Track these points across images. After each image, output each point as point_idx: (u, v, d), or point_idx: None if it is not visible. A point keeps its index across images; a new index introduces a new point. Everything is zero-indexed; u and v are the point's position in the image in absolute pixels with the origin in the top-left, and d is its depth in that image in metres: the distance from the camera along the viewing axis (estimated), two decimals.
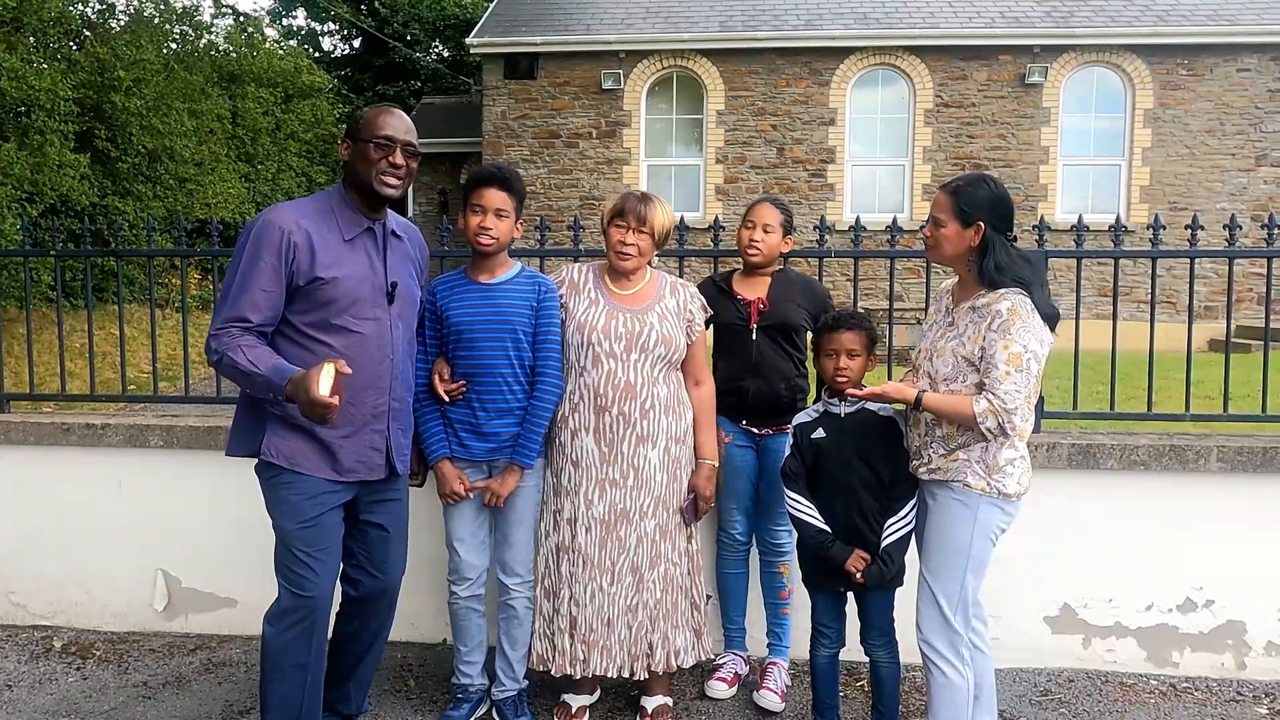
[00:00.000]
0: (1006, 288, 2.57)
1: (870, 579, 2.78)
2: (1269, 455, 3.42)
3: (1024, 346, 2.49)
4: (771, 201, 3.32)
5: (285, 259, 2.52)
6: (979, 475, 2.59)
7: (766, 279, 3.29)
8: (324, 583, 2.63)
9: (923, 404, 2.60)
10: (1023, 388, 2.49)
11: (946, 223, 2.61)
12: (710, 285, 3.33)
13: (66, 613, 3.94)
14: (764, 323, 3.21)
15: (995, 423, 2.50)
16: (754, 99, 13.02)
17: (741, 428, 3.25)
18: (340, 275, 2.56)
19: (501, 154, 13.21)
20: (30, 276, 4.27)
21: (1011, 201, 2.67)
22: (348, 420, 2.61)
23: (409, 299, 2.77)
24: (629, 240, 2.98)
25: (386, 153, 2.60)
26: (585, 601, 3.00)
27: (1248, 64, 12.41)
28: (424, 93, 22.09)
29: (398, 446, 2.77)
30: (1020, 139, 12.74)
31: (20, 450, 3.90)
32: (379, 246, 2.70)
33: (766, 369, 3.20)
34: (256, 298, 2.51)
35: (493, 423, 2.94)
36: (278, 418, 2.61)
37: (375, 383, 2.66)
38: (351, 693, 2.98)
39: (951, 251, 2.63)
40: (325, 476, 2.62)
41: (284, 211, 2.59)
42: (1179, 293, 12.05)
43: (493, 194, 2.91)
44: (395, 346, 2.69)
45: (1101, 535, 3.49)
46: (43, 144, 9.55)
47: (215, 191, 12.76)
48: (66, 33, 11.37)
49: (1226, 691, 3.40)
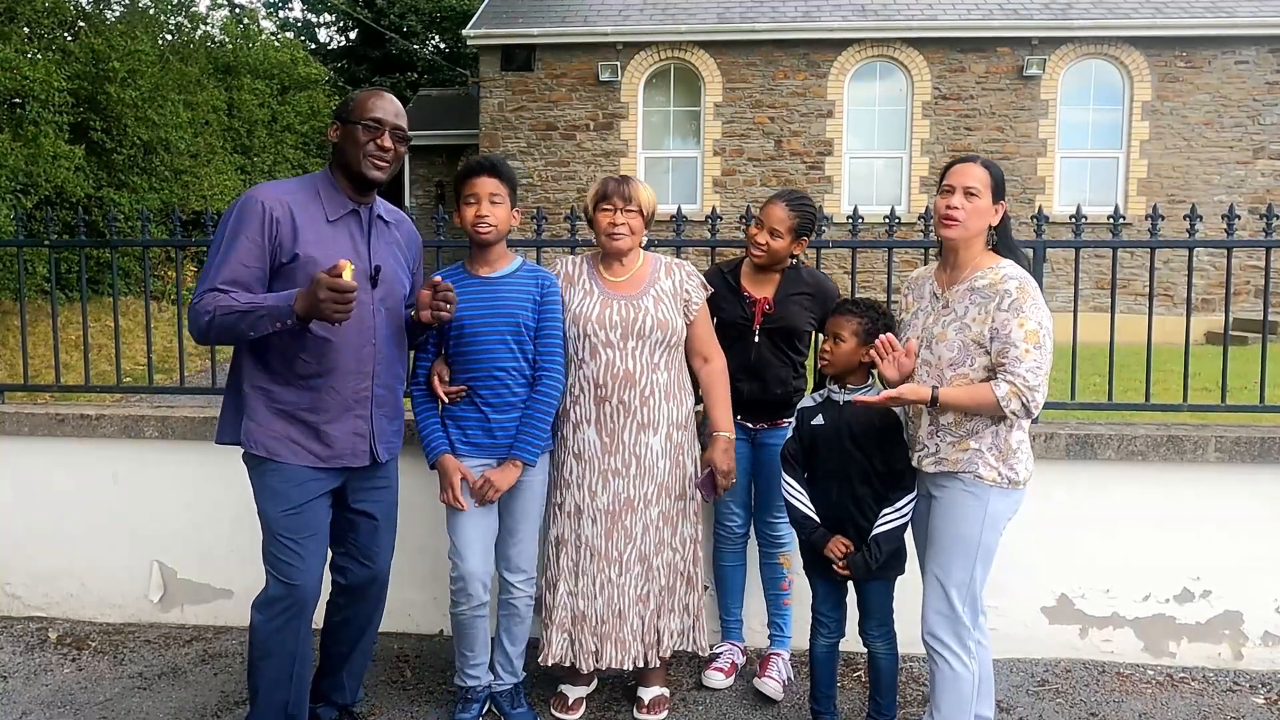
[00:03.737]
0: (1014, 261, 2.60)
1: (854, 567, 2.76)
2: (1266, 446, 3.42)
3: (1038, 323, 2.48)
4: (787, 202, 3.12)
5: (268, 234, 2.50)
6: (990, 465, 2.57)
7: (776, 276, 3.21)
8: (310, 571, 2.61)
9: (940, 401, 2.53)
10: (1042, 364, 2.48)
11: (982, 194, 2.58)
12: (718, 276, 3.24)
13: (62, 604, 3.93)
14: (767, 324, 3.15)
15: (1019, 404, 2.47)
16: (751, 91, 12.99)
17: (737, 422, 3.23)
18: (321, 255, 2.53)
19: (498, 146, 13.17)
20: (25, 268, 4.25)
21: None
22: (329, 405, 2.59)
23: (393, 284, 2.72)
24: (619, 220, 2.96)
25: (374, 135, 2.58)
26: (595, 594, 2.98)
27: (1246, 56, 12.39)
28: (420, 85, 22.04)
29: (380, 433, 2.72)
30: (1018, 131, 12.73)
31: (15, 441, 3.88)
32: (364, 229, 2.67)
33: (764, 372, 3.16)
34: (239, 271, 2.48)
35: (497, 418, 2.90)
36: (258, 403, 2.58)
37: (357, 367, 2.62)
38: (345, 681, 2.97)
39: (980, 225, 2.60)
40: (306, 464, 2.59)
41: (268, 189, 2.58)
42: (1176, 285, 12.06)
43: (484, 181, 2.88)
44: (378, 331, 2.65)
45: (1098, 526, 3.49)
46: (37, 135, 9.52)
47: (211, 183, 12.73)
48: (61, 23, 11.31)
49: (1223, 681, 3.41)
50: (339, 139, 2.63)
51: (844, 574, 2.81)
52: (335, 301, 2.32)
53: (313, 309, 2.35)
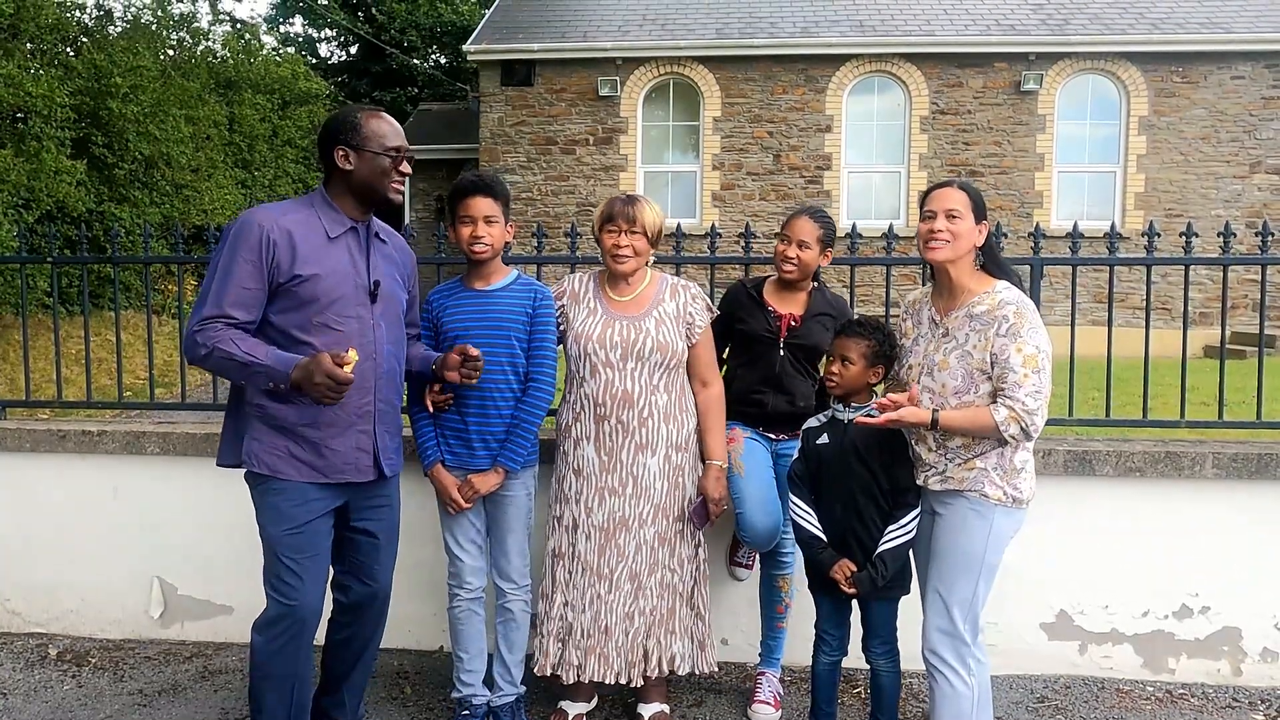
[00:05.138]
0: (1007, 280, 2.62)
1: (860, 586, 2.77)
2: (1264, 462, 3.43)
3: (1036, 346, 2.50)
4: (810, 215, 3.14)
5: (265, 257, 2.51)
6: (996, 484, 2.59)
7: (802, 295, 3.20)
8: (310, 591, 2.62)
9: (940, 424, 2.56)
10: (1042, 388, 2.50)
11: (964, 216, 2.60)
12: (742, 292, 3.24)
13: (62, 620, 3.93)
14: (792, 340, 3.15)
15: (1019, 428, 2.49)
16: (750, 106, 13.05)
17: (759, 433, 3.22)
18: (321, 272, 2.56)
19: (498, 161, 13.23)
20: (26, 283, 4.27)
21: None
22: (333, 420, 2.61)
23: (392, 299, 2.75)
24: (623, 243, 2.98)
25: (397, 163, 2.66)
26: (584, 608, 3.00)
27: (1242, 71, 12.46)
28: (421, 99, 22.13)
29: (384, 448, 2.74)
30: (1016, 146, 12.78)
31: (16, 457, 3.89)
32: (362, 245, 2.69)
33: (788, 385, 3.15)
34: (238, 295, 2.50)
35: (486, 429, 2.94)
36: (259, 422, 2.60)
37: (360, 383, 2.63)
38: (346, 699, 2.97)
39: (966, 246, 2.62)
40: (310, 480, 2.61)
41: (264, 211, 2.60)
42: (1173, 299, 12.09)
43: (478, 202, 2.92)
44: (379, 346, 2.67)
45: (1097, 542, 3.50)
46: (39, 150, 9.56)
47: (212, 198, 12.77)
48: (63, 39, 11.38)
49: (1222, 698, 3.41)
50: (355, 166, 2.63)
51: (850, 592, 2.81)
52: (329, 389, 2.39)
53: (306, 384, 2.41)
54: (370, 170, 2.63)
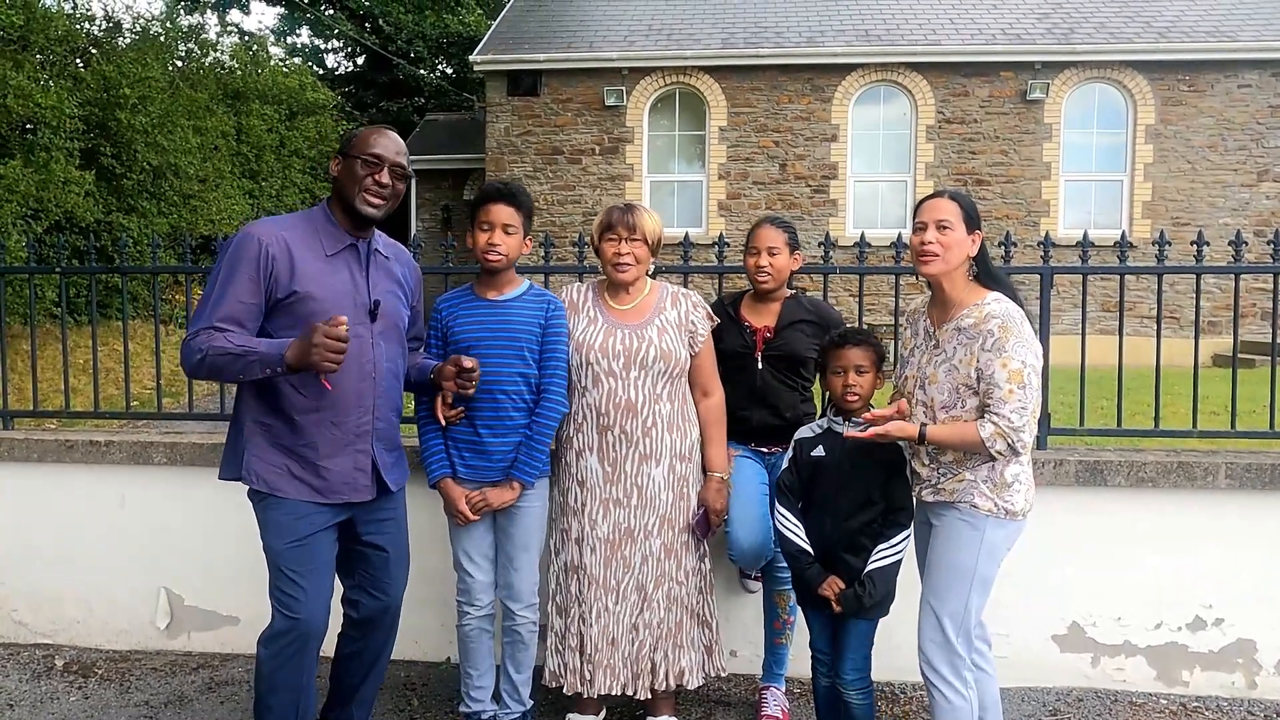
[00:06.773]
0: (999, 292, 2.58)
1: (846, 604, 2.69)
2: (1277, 473, 3.40)
3: (1022, 362, 2.47)
4: (771, 222, 3.18)
5: (264, 271, 2.50)
6: (986, 496, 2.56)
7: (776, 305, 3.19)
8: (314, 604, 2.60)
9: (927, 439, 2.55)
10: (1027, 404, 2.47)
11: (955, 226, 2.58)
12: (719, 308, 3.24)
13: (68, 631, 3.92)
14: (770, 352, 3.13)
15: (1004, 444, 2.47)
16: (756, 115, 13.06)
17: (750, 448, 3.22)
18: (319, 290, 2.54)
19: (504, 170, 13.25)
20: (34, 293, 4.27)
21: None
22: (330, 439, 2.59)
23: (393, 318, 2.72)
24: (624, 251, 2.97)
25: (373, 170, 2.59)
26: (591, 620, 2.98)
27: (1248, 80, 12.44)
28: (427, 109, 22.19)
29: (384, 465, 2.71)
30: (1022, 155, 12.77)
31: (23, 467, 3.89)
32: (361, 263, 2.67)
33: (771, 399, 3.14)
34: (235, 308, 2.49)
35: (499, 441, 2.91)
36: (260, 438, 2.59)
37: (358, 401, 2.62)
38: (354, 713, 2.95)
39: (959, 258, 2.60)
40: (305, 498, 2.59)
41: (264, 224, 2.59)
42: (1183, 308, 12.04)
43: (500, 210, 2.90)
44: (378, 364, 2.65)
45: (1109, 553, 3.47)
46: (48, 161, 9.60)
47: (219, 208, 12.80)
48: (73, 50, 11.44)
49: (1237, 711, 3.37)
50: (339, 173, 2.64)
51: (839, 610, 2.74)
52: (329, 350, 2.34)
53: (304, 355, 2.37)
54: (346, 176, 2.61)
